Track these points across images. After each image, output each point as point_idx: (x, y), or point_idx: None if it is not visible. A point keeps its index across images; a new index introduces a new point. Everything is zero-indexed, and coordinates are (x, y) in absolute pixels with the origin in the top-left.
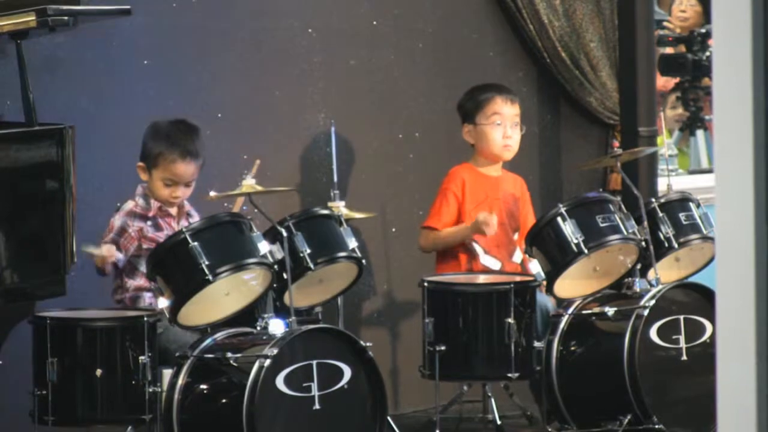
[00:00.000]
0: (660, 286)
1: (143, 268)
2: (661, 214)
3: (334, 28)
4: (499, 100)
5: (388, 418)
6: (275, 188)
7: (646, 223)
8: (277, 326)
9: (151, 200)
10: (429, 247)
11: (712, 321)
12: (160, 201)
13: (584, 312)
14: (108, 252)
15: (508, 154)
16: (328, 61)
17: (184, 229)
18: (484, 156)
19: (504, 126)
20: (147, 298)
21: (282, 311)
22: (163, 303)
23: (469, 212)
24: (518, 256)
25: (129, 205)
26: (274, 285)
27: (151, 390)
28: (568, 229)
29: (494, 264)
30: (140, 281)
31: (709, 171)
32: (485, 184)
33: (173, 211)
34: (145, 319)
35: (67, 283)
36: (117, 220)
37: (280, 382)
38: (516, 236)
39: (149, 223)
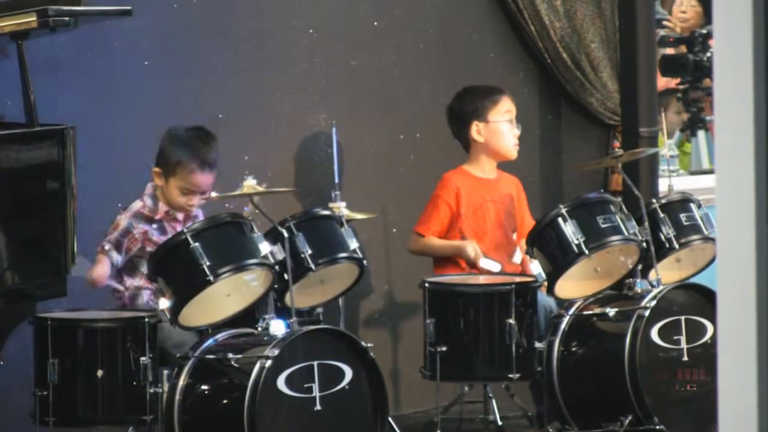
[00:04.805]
0: (661, 287)
1: (144, 268)
2: (662, 215)
3: (335, 28)
4: (508, 98)
5: (389, 418)
6: (276, 189)
7: (647, 224)
8: (278, 327)
9: (159, 202)
10: (416, 251)
11: (713, 322)
12: (176, 208)
13: (585, 313)
14: (98, 276)
15: (516, 152)
16: (329, 62)
17: (185, 230)
18: (491, 154)
19: (513, 124)
20: (146, 295)
21: (283, 312)
22: (164, 304)
23: (466, 215)
24: (518, 256)
25: (137, 205)
26: (275, 286)
27: (152, 391)
28: (569, 229)
29: (494, 266)
30: (140, 281)
31: (710, 172)
32: (480, 188)
33: (180, 216)
34: (146, 319)
35: (68, 283)
36: (123, 220)
37: (281, 382)
38: (515, 236)
39: (155, 226)
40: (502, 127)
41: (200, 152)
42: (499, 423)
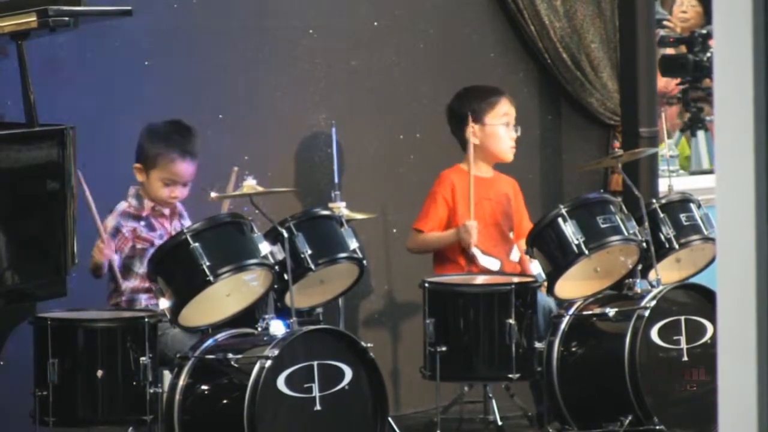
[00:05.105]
0: (661, 287)
1: (137, 269)
2: (662, 215)
3: (335, 28)
4: (507, 101)
5: (389, 418)
6: (276, 189)
7: (647, 224)
8: (277, 327)
9: (144, 200)
10: (415, 248)
11: (713, 322)
12: (158, 201)
13: (585, 313)
14: (105, 243)
15: (512, 154)
16: (329, 62)
17: (185, 230)
18: (487, 156)
19: (510, 127)
20: (144, 300)
21: (283, 312)
22: (164, 304)
23: (461, 214)
24: (515, 254)
25: (122, 205)
26: (275, 286)
27: (152, 391)
28: (569, 229)
29: (494, 264)
30: (135, 282)
31: (710, 172)
32: (476, 185)
33: (166, 211)
34: (146, 320)
35: (68, 283)
36: (111, 221)
37: (281, 382)
38: (512, 235)
39: (142, 223)
40: (498, 130)
41: (179, 141)
42: (499, 423)
